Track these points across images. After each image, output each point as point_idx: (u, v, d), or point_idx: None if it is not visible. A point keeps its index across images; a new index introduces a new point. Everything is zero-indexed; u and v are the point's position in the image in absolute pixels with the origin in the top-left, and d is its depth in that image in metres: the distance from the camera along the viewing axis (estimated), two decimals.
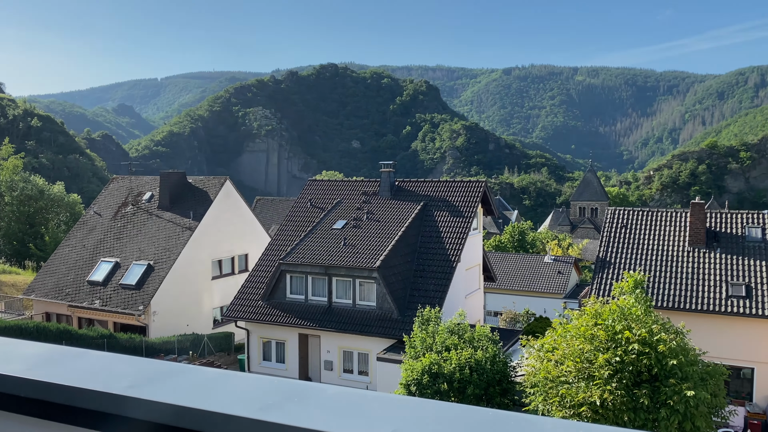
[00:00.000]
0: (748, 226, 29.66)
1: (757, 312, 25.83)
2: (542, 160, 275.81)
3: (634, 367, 13.84)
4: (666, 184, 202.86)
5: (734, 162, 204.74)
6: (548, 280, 54.37)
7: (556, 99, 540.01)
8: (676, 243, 29.84)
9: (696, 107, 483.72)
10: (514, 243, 74.87)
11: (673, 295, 27.28)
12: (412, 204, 32.34)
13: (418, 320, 20.75)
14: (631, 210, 32.94)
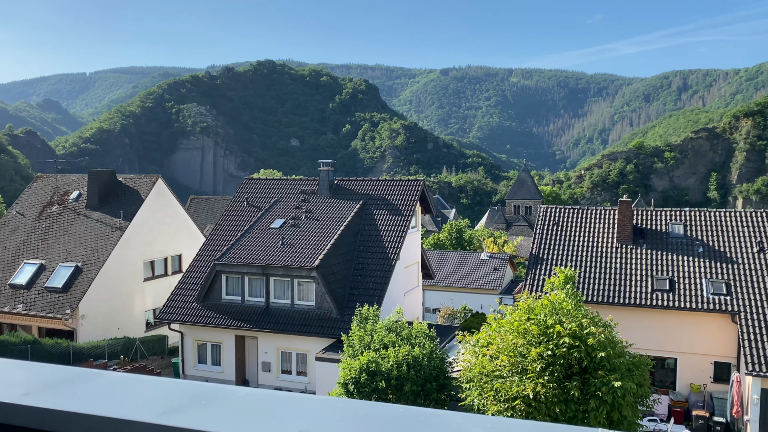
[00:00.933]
0: (672, 223, 31.12)
1: (679, 305, 27.13)
2: (479, 159, 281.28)
3: (565, 360, 14.28)
4: (596, 182, 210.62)
5: (659, 162, 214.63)
6: (485, 276, 55.46)
7: (492, 100, 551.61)
8: (605, 239, 31.00)
9: (624, 109, 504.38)
10: (452, 241, 76.00)
11: (602, 290, 28.32)
12: (352, 203, 32.31)
13: (357, 319, 20.75)
14: (562, 208, 33.98)
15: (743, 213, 31.31)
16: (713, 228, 30.32)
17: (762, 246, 28.51)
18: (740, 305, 26.16)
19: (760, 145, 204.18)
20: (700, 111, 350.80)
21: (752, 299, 26.28)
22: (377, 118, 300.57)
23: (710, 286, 27.40)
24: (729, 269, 28.00)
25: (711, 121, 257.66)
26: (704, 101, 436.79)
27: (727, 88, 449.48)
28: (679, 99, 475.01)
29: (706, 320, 27.17)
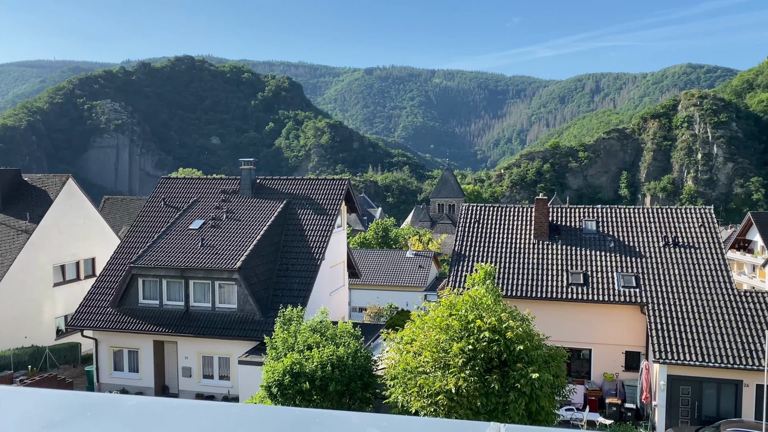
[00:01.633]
0: (585, 219, 32.55)
1: (593, 298, 28.42)
2: (404, 158, 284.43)
3: (486, 354, 14.64)
4: (515, 181, 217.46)
5: (574, 161, 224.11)
6: (410, 274, 56.11)
7: (416, 100, 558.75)
8: (523, 236, 32.03)
9: (541, 110, 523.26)
10: (378, 239, 76.42)
11: (521, 285, 29.25)
12: (275, 202, 31.85)
13: (280, 320, 20.48)
14: (483, 206, 34.85)
15: (651, 210, 33.13)
16: (623, 224, 31.93)
17: (668, 240, 30.28)
18: (648, 297, 27.68)
19: (666, 145, 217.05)
20: (611, 113, 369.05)
21: (659, 291, 27.86)
22: (302, 117, 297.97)
23: (621, 279, 28.84)
24: (638, 263, 29.58)
25: (621, 122, 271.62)
26: (615, 103, 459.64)
27: (635, 91, 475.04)
28: (592, 101, 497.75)
29: (618, 312, 28.59)
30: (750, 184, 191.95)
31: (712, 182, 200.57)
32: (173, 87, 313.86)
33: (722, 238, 73.60)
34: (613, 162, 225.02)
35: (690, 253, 29.52)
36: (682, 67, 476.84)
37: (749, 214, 71.77)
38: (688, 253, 29.54)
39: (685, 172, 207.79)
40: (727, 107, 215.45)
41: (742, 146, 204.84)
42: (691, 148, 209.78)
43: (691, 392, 25.15)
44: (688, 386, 25.13)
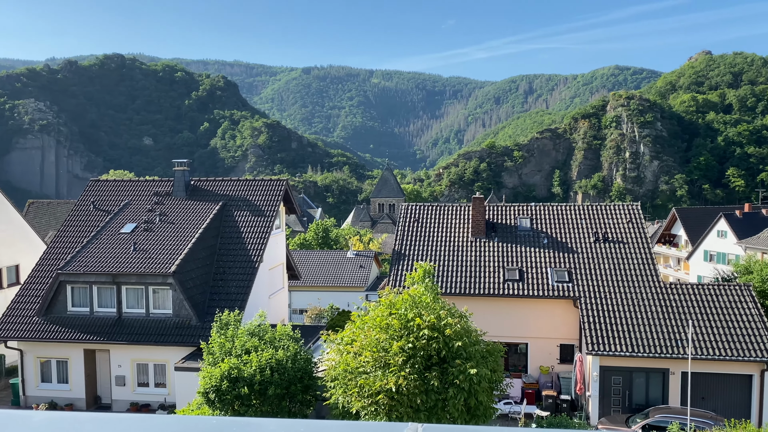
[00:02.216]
0: (520, 217, 33.37)
1: (528, 293, 29.17)
2: (344, 158, 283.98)
3: (425, 352, 14.78)
4: (454, 180, 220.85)
5: (509, 160, 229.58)
6: (351, 274, 56.06)
7: (355, 100, 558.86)
8: (462, 234, 32.55)
9: (477, 111, 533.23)
10: (319, 240, 75.95)
11: (459, 282, 29.71)
12: (210, 204, 31.17)
13: (217, 325, 20.05)
14: (422, 205, 35.21)
15: (582, 207, 34.30)
16: (556, 221, 32.92)
17: (598, 236, 31.41)
18: (580, 291, 28.64)
19: (596, 144, 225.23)
20: (544, 113, 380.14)
21: (591, 285, 28.88)
22: (238, 116, 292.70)
23: (554, 274, 29.72)
24: (570, 258, 30.56)
25: (554, 122, 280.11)
26: (548, 104, 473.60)
27: (566, 92, 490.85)
28: (526, 102, 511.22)
29: (552, 306, 29.45)
30: (674, 180, 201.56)
31: (640, 179, 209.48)
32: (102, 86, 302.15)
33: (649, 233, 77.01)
34: (546, 161, 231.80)
35: (619, 248, 30.73)
36: (610, 69, 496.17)
37: (674, 209, 75.42)
38: (617, 248, 30.73)
39: (614, 170, 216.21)
40: (652, 108, 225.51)
41: (667, 145, 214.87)
42: (619, 146, 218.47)
43: (622, 382, 26.17)
44: (619, 376, 26.15)
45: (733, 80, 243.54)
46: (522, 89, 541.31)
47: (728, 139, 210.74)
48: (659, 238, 73.45)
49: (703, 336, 25.64)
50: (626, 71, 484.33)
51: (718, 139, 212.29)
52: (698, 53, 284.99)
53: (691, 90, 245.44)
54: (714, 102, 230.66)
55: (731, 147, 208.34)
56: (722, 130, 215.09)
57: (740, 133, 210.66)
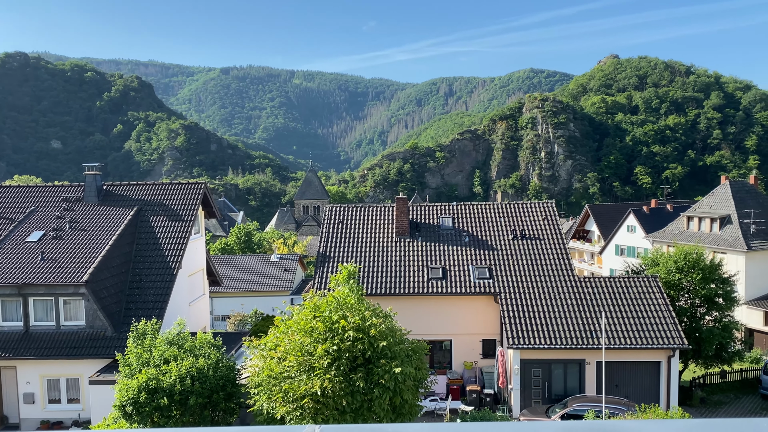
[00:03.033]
0: (442, 216, 33.96)
1: (451, 290, 29.71)
2: (266, 160, 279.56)
3: (350, 353, 14.75)
4: (378, 181, 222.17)
5: (432, 161, 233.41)
6: (276, 278, 55.27)
7: (276, 101, 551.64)
8: (386, 235, 32.76)
9: (400, 112, 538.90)
10: (241, 244, 74.45)
11: (384, 282, 29.89)
12: (125, 210, 29.89)
13: (133, 335, 19.23)
14: (346, 207, 35.18)
15: (501, 205, 35.29)
16: (477, 220, 33.73)
17: (516, 233, 32.40)
18: (501, 287, 29.45)
19: (513, 144, 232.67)
20: (464, 114, 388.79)
21: (510, 281, 29.75)
22: (153, 118, 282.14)
23: (476, 271, 30.43)
24: (491, 255, 31.38)
25: (473, 123, 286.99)
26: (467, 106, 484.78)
27: (485, 94, 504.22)
28: (447, 103, 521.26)
29: (474, 303, 30.13)
30: (587, 179, 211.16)
31: (555, 178, 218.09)
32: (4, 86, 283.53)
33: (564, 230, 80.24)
34: (467, 161, 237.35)
35: (536, 245, 31.83)
36: (526, 71, 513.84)
37: (587, 206, 78.99)
38: (534, 245, 31.83)
39: (530, 169, 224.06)
40: (565, 109, 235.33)
41: (579, 145, 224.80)
42: (535, 147, 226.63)
43: (541, 374, 27.11)
44: (539, 368, 27.08)
45: (639, 83, 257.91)
46: (443, 91, 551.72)
47: (635, 139, 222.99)
48: (574, 234, 76.70)
49: (616, 326, 26.94)
50: (540, 74, 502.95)
51: (627, 139, 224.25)
52: (607, 57, 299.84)
53: (601, 92, 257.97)
54: (622, 103, 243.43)
55: (638, 146, 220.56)
56: (630, 130, 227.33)
57: (646, 133, 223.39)
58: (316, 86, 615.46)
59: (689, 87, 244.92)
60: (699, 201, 55.17)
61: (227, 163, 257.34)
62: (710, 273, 31.16)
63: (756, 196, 50.18)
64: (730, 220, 47.27)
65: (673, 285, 31.00)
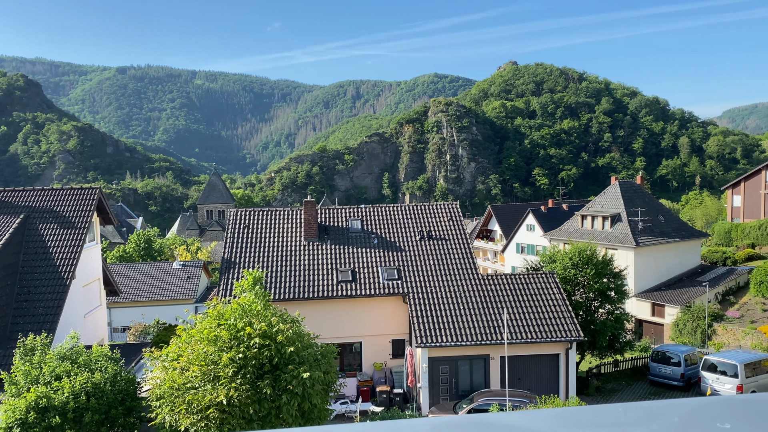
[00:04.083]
0: (351, 219, 34.03)
1: (361, 293, 29.81)
2: (167, 163, 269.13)
3: (257, 361, 14.44)
4: (286, 184, 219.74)
5: (341, 164, 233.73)
6: (178, 286, 53.30)
7: (177, 102, 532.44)
8: (294, 238, 32.40)
9: (307, 114, 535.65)
10: (141, 252, 71.22)
11: (293, 287, 29.54)
12: (10, 217, 27.76)
13: (20, 351, 17.88)
14: (252, 210, 34.48)
15: (408, 207, 35.83)
16: (385, 221, 34.06)
17: (423, 234, 33.01)
18: (409, 287, 29.89)
19: (420, 147, 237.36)
20: (371, 117, 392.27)
21: (418, 281, 30.25)
22: (42, 119, 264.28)
23: (385, 273, 30.71)
24: (399, 257, 31.78)
25: (381, 126, 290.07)
26: (375, 109, 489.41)
27: (391, 97, 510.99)
28: (354, 106, 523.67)
29: (384, 304, 30.39)
30: (489, 180, 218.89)
31: (460, 180, 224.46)
32: None
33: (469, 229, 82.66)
34: (375, 164, 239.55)
35: (442, 245, 32.57)
36: (430, 76, 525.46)
37: (489, 207, 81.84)
38: (440, 245, 32.55)
39: (437, 171, 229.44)
40: (468, 113, 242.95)
41: (482, 148, 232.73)
42: (441, 150, 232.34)
43: (449, 371, 27.76)
44: (446, 365, 27.71)
45: (536, 88, 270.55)
46: (350, 94, 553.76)
47: (533, 142, 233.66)
48: (478, 234, 79.22)
49: (517, 322, 28.04)
50: (444, 79, 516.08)
51: (525, 142, 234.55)
52: (506, 63, 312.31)
53: (501, 97, 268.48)
54: (520, 108, 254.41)
55: (536, 149, 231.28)
56: (528, 134, 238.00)
57: (543, 136, 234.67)
58: (220, 87, 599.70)
59: (582, 93, 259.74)
60: (592, 200, 58.54)
61: (125, 166, 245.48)
62: (603, 268, 33.10)
63: (642, 195, 53.88)
64: (620, 218, 50.45)
65: (569, 280, 32.65)
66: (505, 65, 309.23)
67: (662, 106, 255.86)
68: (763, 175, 68.26)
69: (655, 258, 48.50)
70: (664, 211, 54.60)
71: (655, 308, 46.79)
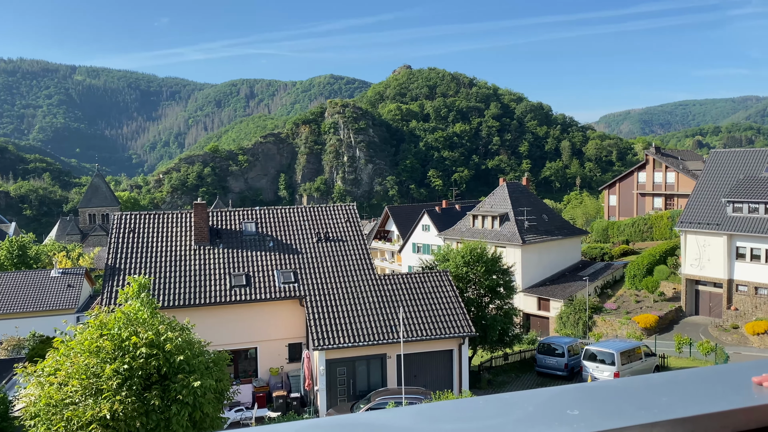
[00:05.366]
0: (245, 222, 33.24)
1: (256, 297, 29.20)
2: (43, 164, 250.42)
3: (144, 371, 13.75)
4: (176, 186, 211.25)
5: (234, 165, 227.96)
6: (58, 295, 49.76)
7: (55, 98, 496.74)
8: (184, 242, 31.18)
9: (198, 113, 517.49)
10: (14, 260, 65.87)
11: (183, 293, 28.42)
12: None
13: None
14: (138, 214, 32.84)
15: (305, 208, 35.52)
16: (281, 224, 33.57)
17: (320, 236, 32.86)
18: (306, 290, 29.64)
19: (317, 148, 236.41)
20: (266, 117, 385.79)
21: (315, 283, 30.07)
22: None
23: (281, 276, 30.28)
24: (295, 259, 31.44)
25: (276, 127, 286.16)
26: (270, 109, 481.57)
27: (287, 97, 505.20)
28: (248, 106, 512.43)
29: (280, 307, 29.95)
30: (386, 182, 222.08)
31: (357, 181, 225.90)
32: None
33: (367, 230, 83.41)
34: (271, 165, 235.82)
35: (339, 246, 32.59)
36: (326, 77, 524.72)
37: (386, 208, 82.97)
38: (337, 247, 32.55)
39: (334, 173, 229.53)
40: (364, 115, 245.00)
41: (379, 150, 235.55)
42: (338, 151, 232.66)
43: (346, 372, 27.82)
44: (344, 367, 27.76)
45: (430, 92, 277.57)
46: (243, 93, 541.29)
47: (428, 145, 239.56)
48: (376, 234, 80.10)
49: (413, 320, 28.59)
50: (341, 80, 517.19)
51: (420, 145, 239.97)
52: (400, 67, 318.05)
53: (396, 100, 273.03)
54: (415, 111, 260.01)
55: (431, 151, 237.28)
56: (423, 137, 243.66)
57: (437, 139, 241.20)
58: (103, 84, 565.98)
59: (472, 97, 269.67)
60: (482, 201, 60.87)
61: None
62: (492, 265, 34.50)
63: (528, 196, 56.74)
64: (508, 218, 52.81)
65: (461, 278, 33.75)
66: (400, 69, 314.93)
67: (546, 112, 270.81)
68: (636, 176, 74.06)
69: (540, 255, 51.21)
70: (548, 210, 57.81)
71: (540, 302, 49.39)
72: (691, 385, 1.29)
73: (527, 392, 1.27)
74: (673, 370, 1.76)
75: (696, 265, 43.61)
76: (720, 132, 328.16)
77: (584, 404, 1.18)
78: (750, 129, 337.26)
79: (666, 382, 1.31)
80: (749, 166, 44.37)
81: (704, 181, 45.81)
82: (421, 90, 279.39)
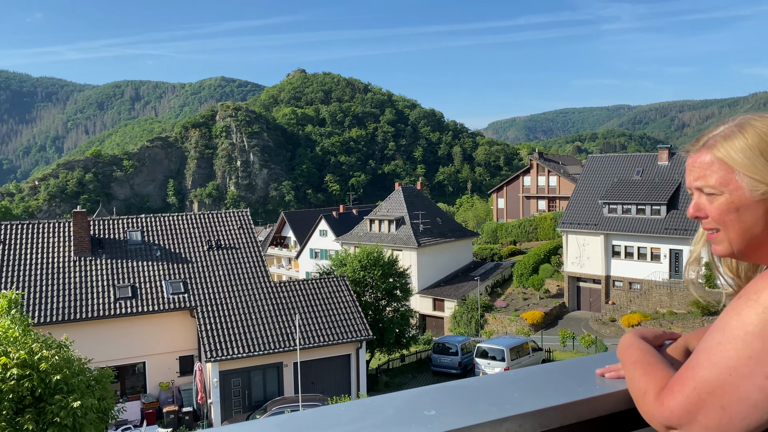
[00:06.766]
0: (130, 230, 31.59)
1: (143, 309, 27.82)
2: None
3: (15, 394, 12.67)
4: (54, 193, 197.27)
5: (119, 170, 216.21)
6: None
7: None
8: (62, 254, 29.16)
9: (78, 116, 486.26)
10: None
11: (61, 308, 26.56)
12: None
13: None
14: (10, 223, 30.35)
15: (195, 215, 34.31)
16: (169, 232, 32.20)
17: (211, 244, 31.86)
18: (197, 300, 28.61)
19: (208, 153, 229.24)
20: (153, 121, 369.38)
21: (207, 293, 29.10)
22: None
23: (170, 286, 29.04)
24: (185, 268, 30.27)
25: (164, 130, 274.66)
26: (157, 111, 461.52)
27: (175, 100, 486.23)
28: (134, 108, 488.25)
29: (169, 319, 28.71)
30: (282, 187, 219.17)
31: (252, 187, 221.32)
32: None
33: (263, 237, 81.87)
34: (159, 170, 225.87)
35: (232, 254, 31.75)
36: (217, 80, 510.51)
37: (282, 213, 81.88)
38: (230, 254, 31.70)
39: (227, 178, 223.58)
40: (258, 119, 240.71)
41: (274, 154, 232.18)
42: (231, 155, 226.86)
43: (241, 383, 27.13)
44: (239, 377, 27.05)
45: (325, 97, 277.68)
46: (128, 95, 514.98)
47: (324, 149, 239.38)
48: (272, 241, 78.77)
49: (310, 326, 28.39)
50: (233, 83, 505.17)
51: (317, 149, 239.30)
52: (294, 71, 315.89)
53: (291, 104, 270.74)
54: (311, 116, 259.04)
55: (327, 156, 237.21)
56: (319, 141, 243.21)
57: (333, 143, 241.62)
58: None
59: (368, 103, 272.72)
60: (379, 205, 61.63)
61: None
62: (389, 269, 35.00)
63: (423, 200, 58.13)
64: (403, 221, 53.79)
65: (359, 282, 33.97)
66: (294, 72, 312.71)
67: (438, 118, 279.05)
68: (521, 180, 77.95)
69: (435, 257, 52.59)
70: (442, 213, 59.52)
71: (435, 303, 50.70)
72: (542, 380, 1.36)
73: (390, 395, 1.28)
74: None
75: (577, 263, 46.52)
76: (597, 138, 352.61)
77: (441, 404, 1.21)
78: (623, 135, 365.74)
79: (519, 378, 1.37)
80: (622, 170, 47.98)
81: (583, 185, 49.00)
82: (317, 94, 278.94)
